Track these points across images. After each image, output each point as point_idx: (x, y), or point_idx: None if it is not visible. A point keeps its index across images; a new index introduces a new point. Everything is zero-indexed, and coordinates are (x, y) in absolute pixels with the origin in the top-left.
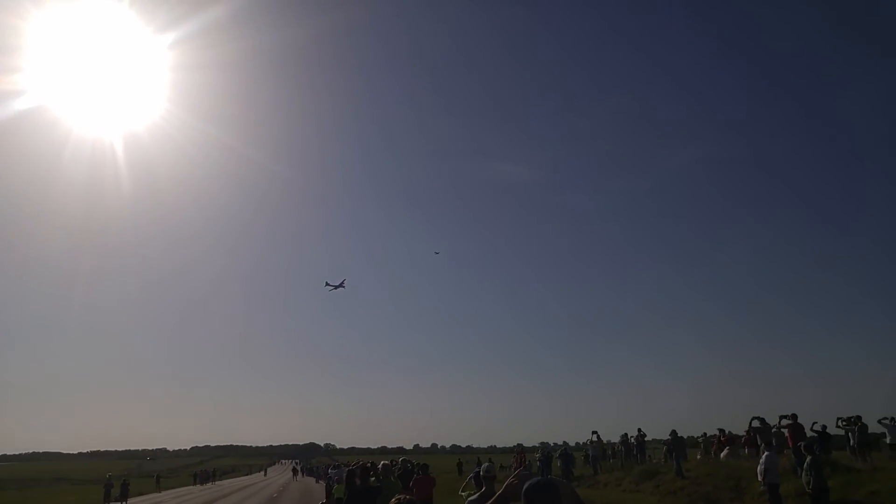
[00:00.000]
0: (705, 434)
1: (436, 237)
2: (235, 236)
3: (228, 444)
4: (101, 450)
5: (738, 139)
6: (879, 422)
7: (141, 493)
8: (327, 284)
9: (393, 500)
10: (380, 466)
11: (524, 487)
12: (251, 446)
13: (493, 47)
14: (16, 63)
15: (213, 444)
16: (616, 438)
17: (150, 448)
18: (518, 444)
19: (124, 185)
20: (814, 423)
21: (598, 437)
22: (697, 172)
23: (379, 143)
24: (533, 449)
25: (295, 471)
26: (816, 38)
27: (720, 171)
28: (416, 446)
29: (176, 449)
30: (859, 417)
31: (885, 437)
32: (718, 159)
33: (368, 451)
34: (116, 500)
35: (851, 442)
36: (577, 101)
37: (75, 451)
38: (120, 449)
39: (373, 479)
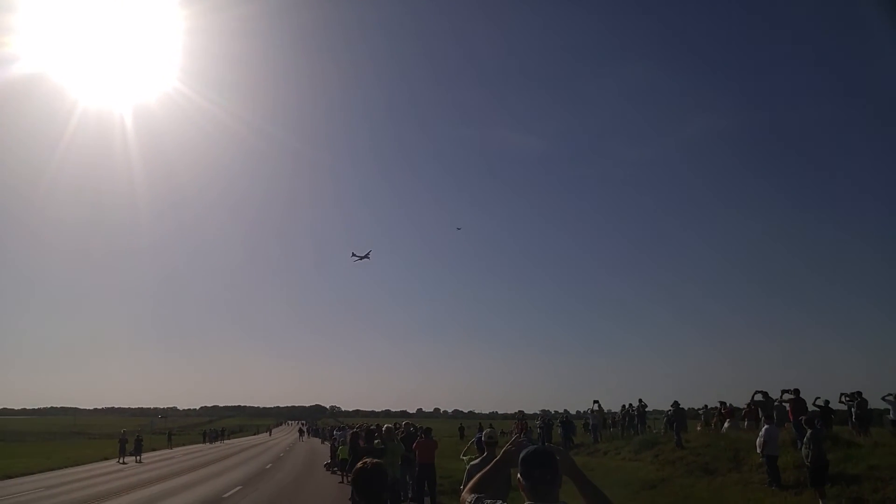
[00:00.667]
0: (706, 406)
1: (442, 206)
2: (245, 204)
3: (237, 404)
4: (116, 406)
5: (750, 110)
6: (883, 398)
7: (154, 449)
8: (353, 255)
9: (359, 462)
10: (384, 429)
11: (521, 455)
12: (259, 407)
13: (501, 15)
14: (6, 23)
15: (221, 405)
16: (617, 408)
17: (162, 406)
18: (519, 411)
19: (133, 158)
20: (816, 398)
21: (600, 406)
22: (710, 142)
23: (385, 114)
24: (534, 416)
25: (301, 432)
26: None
27: (732, 141)
28: (419, 410)
29: (186, 408)
30: (860, 393)
31: (889, 413)
32: (730, 130)
33: (373, 414)
34: (131, 455)
35: (853, 417)
36: (586, 70)
37: (91, 407)
38: (133, 406)
39: (377, 441)
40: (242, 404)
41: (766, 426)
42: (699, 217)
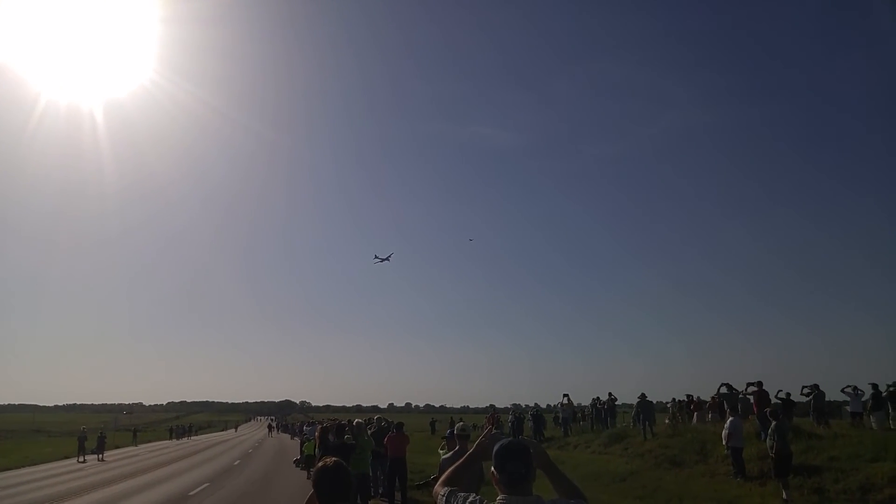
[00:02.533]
0: (674, 399)
1: (416, 198)
2: (216, 198)
3: (205, 399)
4: (79, 403)
5: (715, 108)
6: (842, 390)
7: (117, 447)
8: (376, 258)
9: (319, 462)
10: (353, 424)
11: (495, 448)
12: (227, 402)
13: (474, 13)
14: None
15: (189, 400)
16: (587, 402)
17: (127, 403)
18: (490, 405)
19: (104, 153)
20: (779, 391)
21: (570, 399)
22: (675, 139)
23: (361, 106)
24: (505, 410)
25: (270, 427)
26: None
27: (696, 138)
28: (391, 405)
29: (153, 404)
30: (817, 385)
31: (848, 405)
32: (694, 127)
33: (343, 409)
34: (92, 453)
35: (812, 409)
36: (557, 67)
37: (52, 404)
38: (97, 403)
39: (347, 436)
40: (211, 400)
41: (730, 418)
42: (668, 212)
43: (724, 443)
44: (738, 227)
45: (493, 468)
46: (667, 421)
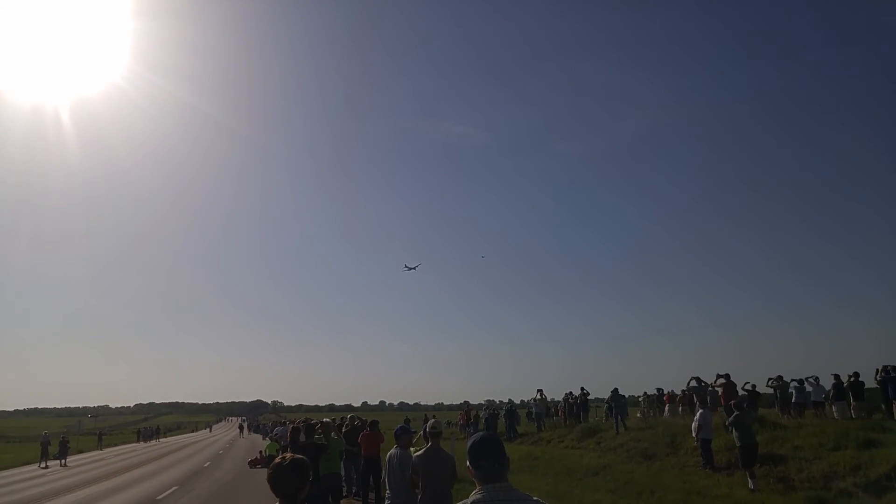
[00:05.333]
0: (645, 393)
1: (390, 194)
2: (185, 193)
3: (174, 401)
4: (41, 407)
5: (688, 104)
6: (806, 380)
7: (81, 451)
8: (406, 266)
9: (277, 457)
10: (322, 423)
11: (469, 444)
12: (198, 403)
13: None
14: None
15: (157, 401)
16: (560, 397)
17: (93, 405)
18: (465, 402)
19: (72, 154)
20: (746, 383)
21: (543, 394)
22: (645, 137)
23: (331, 102)
24: (480, 406)
25: (241, 428)
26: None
27: (668, 134)
28: (364, 404)
29: (119, 406)
30: (781, 377)
31: (811, 396)
32: (663, 125)
33: (316, 408)
34: (55, 458)
35: (778, 400)
36: (527, 64)
37: (12, 409)
38: (59, 406)
39: (317, 436)
40: (180, 401)
41: (700, 411)
42: (640, 207)
43: (693, 435)
44: (708, 220)
45: (468, 463)
46: (638, 415)
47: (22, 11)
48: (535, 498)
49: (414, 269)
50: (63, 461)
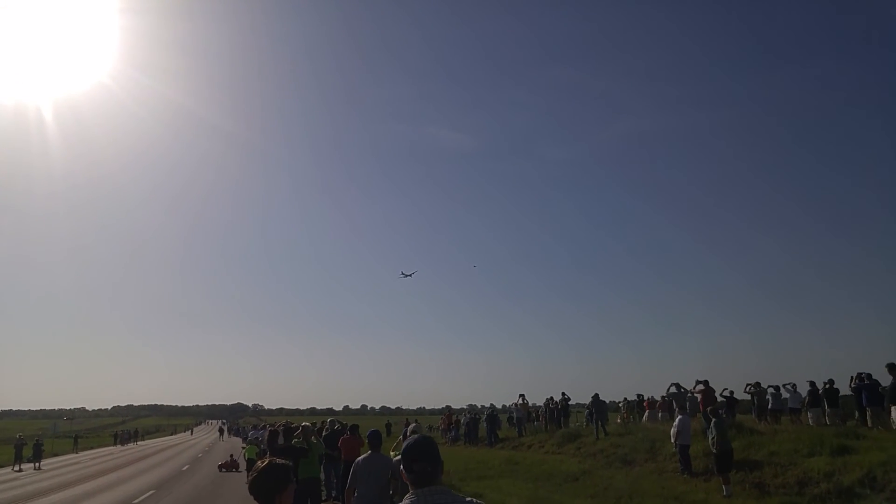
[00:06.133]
0: (625, 399)
1: (368, 199)
2: (167, 194)
3: (152, 403)
4: (14, 409)
5: (670, 114)
6: (783, 386)
7: (56, 454)
8: (402, 273)
9: (258, 461)
10: (301, 427)
11: (403, 447)
12: (177, 406)
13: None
14: None
15: (136, 404)
16: (541, 402)
17: (68, 407)
18: (447, 406)
19: (55, 156)
20: (724, 389)
21: (524, 400)
22: (630, 143)
23: (318, 105)
24: (461, 411)
25: (221, 431)
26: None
27: (653, 143)
28: (346, 407)
29: (96, 408)
30: (758, 383)
31: (787, 402)
32: (652, 132)
33: (297, 412)
34: (29, 461)
35: (755, 406)
36: (516, 70)
37: None
38: (34, 409)
39: (296, 440)
40: (159, 403)
41: (679, 417)
42: (621, 215)
43: (672, 440)
44: (685, 229)
45: (401, 467)
46: (619, 420)
47: (2, 7)
48: (468, 499)
49: (410, 276)
50: (37, 464)
